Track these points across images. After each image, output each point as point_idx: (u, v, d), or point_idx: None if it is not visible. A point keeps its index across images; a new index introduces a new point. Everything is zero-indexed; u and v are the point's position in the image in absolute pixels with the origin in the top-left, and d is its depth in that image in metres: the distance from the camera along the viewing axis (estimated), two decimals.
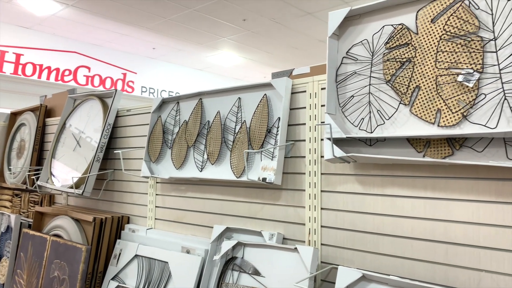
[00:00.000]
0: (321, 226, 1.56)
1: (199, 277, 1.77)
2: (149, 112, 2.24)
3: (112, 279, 2.08)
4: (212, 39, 7.52)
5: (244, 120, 1.76)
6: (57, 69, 7.77)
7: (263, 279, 1.56)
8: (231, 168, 1.76)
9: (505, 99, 1.10)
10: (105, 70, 8.40)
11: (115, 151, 2.33)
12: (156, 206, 2.20)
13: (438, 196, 1.29)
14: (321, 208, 1.56)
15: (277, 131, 1.64)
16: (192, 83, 9.71)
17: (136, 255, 2.05)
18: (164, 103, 2.16)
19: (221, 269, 1.70)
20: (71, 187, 2.33)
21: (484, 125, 1.13)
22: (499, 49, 1.12)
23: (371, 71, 1.38)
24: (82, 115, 2.63)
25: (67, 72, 7.89)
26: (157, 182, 2.20)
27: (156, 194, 2.20)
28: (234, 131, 1.79)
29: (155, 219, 2.20)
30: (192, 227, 2.01)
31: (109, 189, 2.50)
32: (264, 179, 1.61)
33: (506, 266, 1.15)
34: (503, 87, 1.11)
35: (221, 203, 1.89)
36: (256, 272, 1.59)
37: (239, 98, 1.80)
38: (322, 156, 1.56)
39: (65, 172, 2.56)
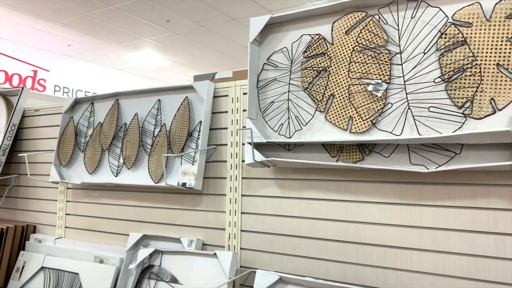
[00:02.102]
0: (241, 231, 1.56)
1: (113, 287, 1.67)
2: (60, 113, 2.08)
3: None
4: (133, 39, 7.25)
5: (164, 123, 1.71)
6: None
7: (181, 287, 1.52)
8: (149, 173, 1.70)
9: (409, 108, 1.19)
10: (12, 66, 7.69)
11: (19, 154, 2.13)
12: (66, 214, 2.04)
13: (350, 199, 1.36)
14: (242, 213, 1.56)
15: (199, 135, 1.61)
16: (111, 83, 9.26)
17: (42, 267, 1.88)
18: (77, 103, 2.02)
19: (137, 279, 1.62)
20: None
21: (391, 132, 1.22)
22: (404, 62, 1.21)
23: (290, 78, 1.41)
24: None
25: None
26: (68, 188, 2.05)
27: (67, 201, 2.05)
28: (153, 134, 1.73)
29: (65, 227, 2.04)
30: (107, 235, 1.90)
31: (13, 196, 2.28)
32: (184, 184, 1.57)
33: (409, 263, 1.25)
34: (407, 98, 1.20)
35: (138, 210, 1.82)
36: (174, 280, 1.54)
37: (159, 100, 1.74)
38: (243, 161, 1.57)
39: None
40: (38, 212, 2.16)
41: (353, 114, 1.27)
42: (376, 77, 1.24)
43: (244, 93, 1.59)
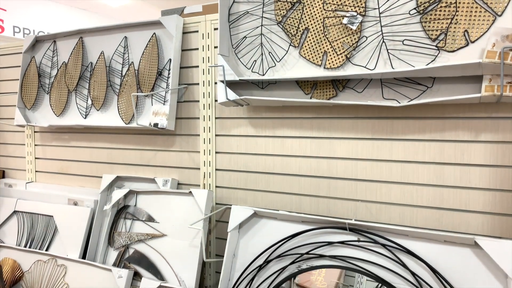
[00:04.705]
0: (216, 169, 1.56)
1: (89, 228, 1.68)
2: (20, 53, 1.96)
3: None
4: None
5: (132, 62, 1.63)
6: None
7: (157, 225, 1.54)
8: (119, 114, 1.65)
9: (383, 42, 1.17)
10: None
11: None
12: (36, 158, 1.99)
13: (322, 136, 1.37)
14: (216, 152, 1.56)
15: (169, 74, 1.56)
16: (74, 23, 8.74)
17: (15, 211, 1.86)
18: (38, 42, 1.90)
19: (112, 219, 1.63)
20: None
21: (365, 67, 1.20)
22: None
23: (263, 11, 1.36)
24: None
25: None
26: (35, 132, 1.98)
27: (35, 145, 1.99)
28: (121, 73, 1.66)
29: (36, 171, 2.00)
30: (79, 178, 1.87)
31: None
32: (156, 125, 1.54)
33: (378, 195, 1.29)
34: (381, 31, 1.17)
35: (110, 152, 1.78)
36: (150, 219, 1.56)
37: (126, 37, 1.66)
38: (216, 100, 1.54)
39: None
40: (6, 157, 2.10)
41: (328, 49, 1.25)
42: (352, 9, 1.20)
43: (215, 29, 1.52)
